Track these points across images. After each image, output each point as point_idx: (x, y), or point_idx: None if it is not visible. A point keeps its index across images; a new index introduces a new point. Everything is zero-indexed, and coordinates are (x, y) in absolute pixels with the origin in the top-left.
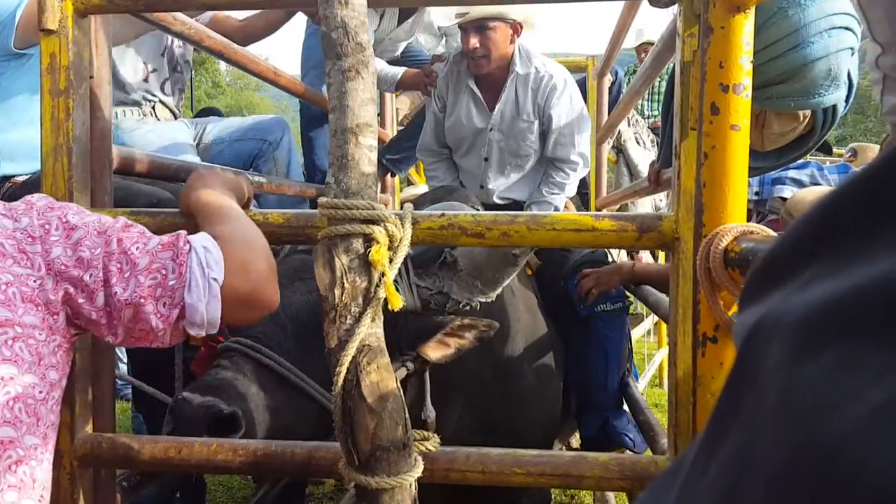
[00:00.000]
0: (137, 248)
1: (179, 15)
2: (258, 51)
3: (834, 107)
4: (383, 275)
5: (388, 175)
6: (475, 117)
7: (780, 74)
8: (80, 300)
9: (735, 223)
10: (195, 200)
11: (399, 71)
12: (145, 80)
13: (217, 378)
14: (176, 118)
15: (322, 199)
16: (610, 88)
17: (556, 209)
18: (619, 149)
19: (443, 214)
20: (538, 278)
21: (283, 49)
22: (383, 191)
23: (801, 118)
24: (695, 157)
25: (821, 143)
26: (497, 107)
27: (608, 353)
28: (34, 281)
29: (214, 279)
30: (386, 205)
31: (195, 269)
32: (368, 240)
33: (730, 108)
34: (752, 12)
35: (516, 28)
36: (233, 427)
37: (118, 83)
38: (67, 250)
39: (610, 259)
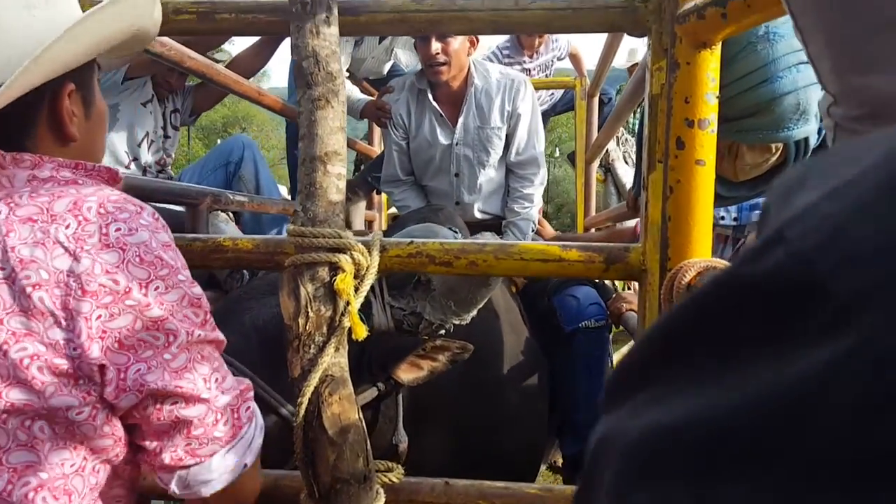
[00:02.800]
0: (216, 381)
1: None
2: None
3: (806, 139)
4: (348, 304)
5: (374, 192)
6: (439, 134)
7: (749, 108)
8: (107, 382)
9: (699, 258)
10: None
11: (364, 100)
12: (127, 166)
13: None
14: (164, 169)
15: (289, 227)
16: (602, 109)
17: (533, 225)
18: (608, 168)
19: (411, 242)
20: (523, 295)
21: (278, 63)
22: (370, 207)
23: (774, 150)
24: (661, 189)
25: None
26: (459, 120)
27: (591, 371)
28: (74, 349)
29: (246, 464)
30: (372, 222)
31: (244, 441)
32: (335, 268)
33: (695, 143)
34: (717, 49)
35: (472, 41)
36: None
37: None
38: (138, 322)
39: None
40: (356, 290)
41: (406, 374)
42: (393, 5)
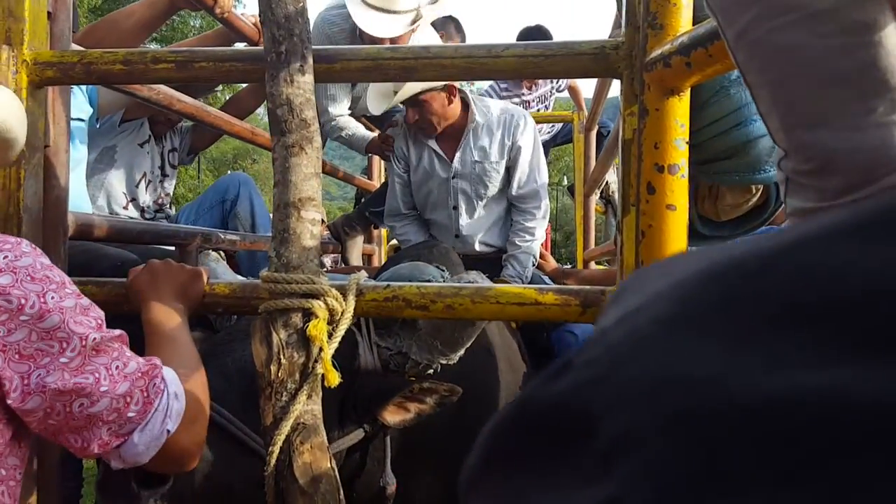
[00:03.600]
0: (117, 368)
1: None
2: None
3: None
4: (322, 350)
5: (372, 227)
6: (438, 167)
7: (725, 151)
8: (11, 390)
9: None
10: (146, 316)
11: (370, 136)
12: (125, 207)
13: None
14: (161, 208)
15: (263, 273)
16: (601, 141)
17: (534, 259)
18: (608, 199)
19: (388, 286)
20: (523, 331)
21: None
22: (369, 241)
23: (754, 191)
24: (634, 233)
25: None
26: (457, 155)
27: None
28: None
29: (168, 430)
30: (371, 255)
31: (158, 413)
32: (308, 314)
33: (665, 189)
34: (686, 95)
35: (451, 90)
36: (161, 479)
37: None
38: (33, 334)
39: None
40: (330, 335)
41: (392, 416)
42: (367, 53)
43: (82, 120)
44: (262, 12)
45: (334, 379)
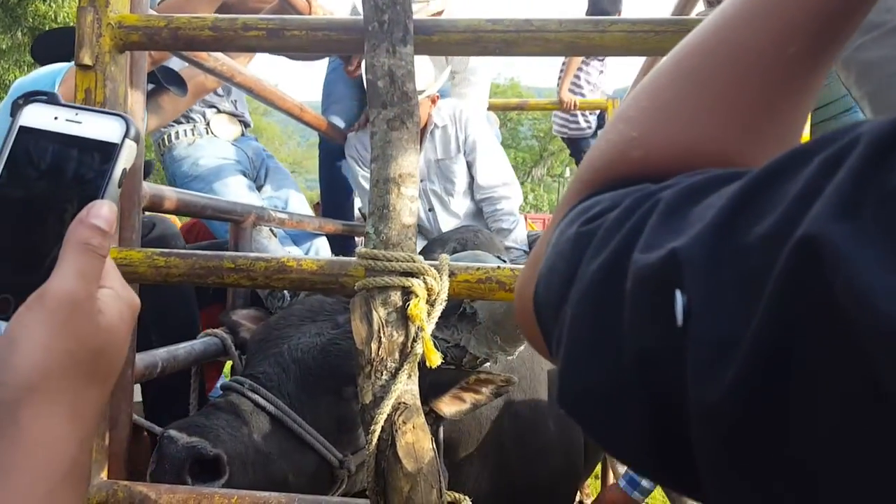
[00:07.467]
0: None
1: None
2: (265, 76)
3: None
4: (421, 329)
5: None
6: None
7: None
8: None
9: None
10: None
11: None
12: None
13: (209, 418)
14: (240, 120)
15: (360, 249)
16: None
17: (524, 237)
18: None
19: (479, 268)
20: None
21: (290, 76)
22: None
23: None
24: None
25: None
26: (421, 158)
27: None
28: None
29: None
30: None
31: None
32: (406, 293)
33: None
34: None
35: (434, 99)
36: (216, 470)
37: None
38: None
39: None
40: (428, 315)
41: (448, 407)
42: (467, 24)
43: None
44: None
45: (436, 359)
